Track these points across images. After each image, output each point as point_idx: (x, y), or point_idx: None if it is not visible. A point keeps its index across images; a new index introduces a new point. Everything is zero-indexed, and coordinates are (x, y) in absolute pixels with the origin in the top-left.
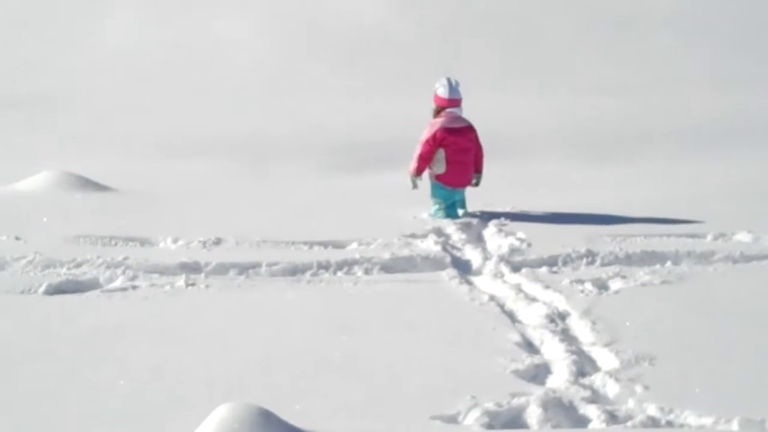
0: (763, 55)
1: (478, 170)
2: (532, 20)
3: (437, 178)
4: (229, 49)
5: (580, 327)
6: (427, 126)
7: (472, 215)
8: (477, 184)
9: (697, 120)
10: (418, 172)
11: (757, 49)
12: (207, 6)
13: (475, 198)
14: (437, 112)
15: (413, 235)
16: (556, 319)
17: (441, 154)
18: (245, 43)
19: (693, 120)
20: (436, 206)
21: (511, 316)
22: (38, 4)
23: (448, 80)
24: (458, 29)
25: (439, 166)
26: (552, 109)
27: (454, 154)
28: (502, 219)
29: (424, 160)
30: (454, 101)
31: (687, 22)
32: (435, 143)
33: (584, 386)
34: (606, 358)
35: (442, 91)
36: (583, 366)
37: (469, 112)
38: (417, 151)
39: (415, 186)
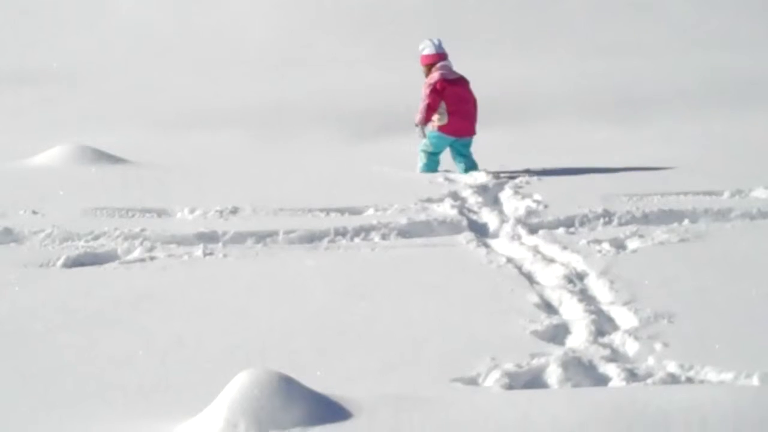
0: None
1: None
2: None
3: (440, 129)
4: (243, 20)
5: (598, 287)
6: (424, 85)
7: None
8: (475, 133)
9: (709, 79)
10: (426, 120)
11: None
12: None
13: (489, 160)
14: (428, 71)
15: (429, 200)
16: (574, 279)
17: (442, 105)
18: (258, 15)
19: (705, 79)
20: (425, 160)
21: (529, 278)
22: None
23: (430, 40)
24: None
25: (442, 118)
26: (563, 72)
27: (455, 104)
28: (518, 180)
29: (432, 110)
30: (442, 55)
31: None
32: (438, 93)
33: (603, 345)
34: (625, 317)
35: (429, 49)
36: (602, 325)
37: (481, 76)
38: (422, 102)
39: (423, 135)
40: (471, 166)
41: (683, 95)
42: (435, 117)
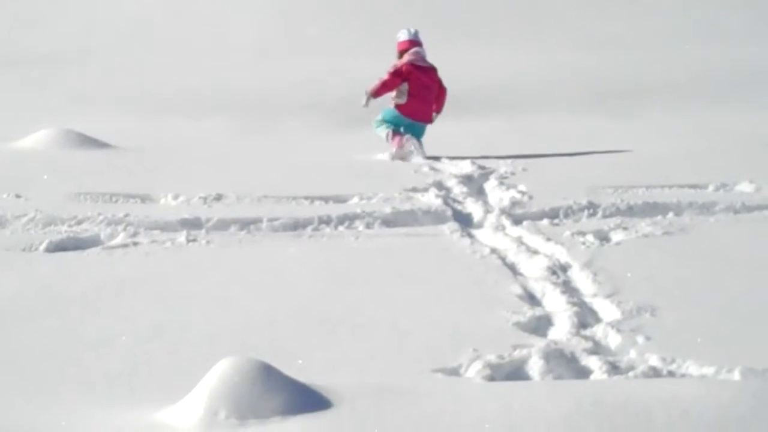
0: (762, 9)
1: (438, 110)
2: None
3: (397, 107)
4: (228, 7)
5: (581, 279)
6: (391, 65)
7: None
8: (432, 122)
9: (696, 73)
10: (376, 95)
11: (757, 2)
12: None
13: (474, 149)
14: (401, 57)
15: (414, 189)
16: (558, 271)
17: (404, 86)
18: (244, 2)
19: (692, 73)
20: (379, 122)
21: (513, 269)
22: None
23: (407, 29)
24: None
25: (401, 97)
26: (551, 63)
27: (416, 89)
28: (503, 171)
29: (386, 87)
30: (415, 42)
31: None
32: (400, 75)
33: (586, 338)
34: (607, 310)
35: (404, 36)
36: (585, 317)
37: (467, 65)
38: (382, 77)
39: (366, 105)
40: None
41: (672, 88)
42: (393, 94)
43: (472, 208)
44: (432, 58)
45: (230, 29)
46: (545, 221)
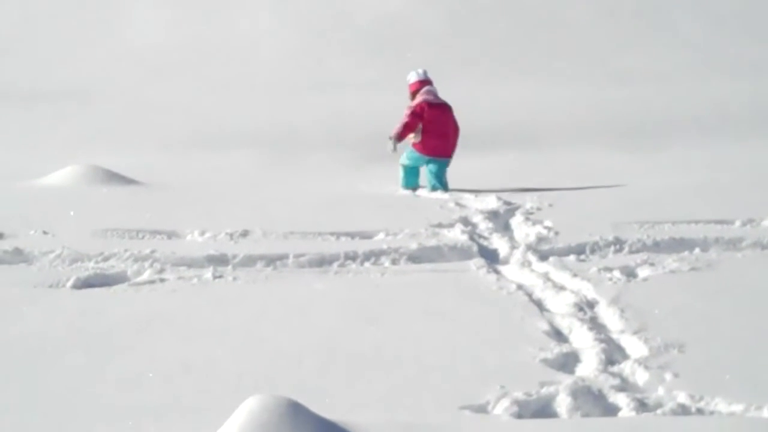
0: None
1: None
2: (553, 9)
3: (414, 146)
4: (255, 42)
5: (608, 315)
6: (407, 108)
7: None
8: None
9: (721, 107)
10: (401, 137)
11: None
12: (231, 1)
13: (499, 184)
14: (413, 98)
15: (440, 225)
16: (585, 307)
17: (419, 125)
18: (270, 37)
19: (717, 107)
20: (403, 168)
21: (539, 305)
22: (68, 1)
23: (415, 70)
24: (480, 20)
25: (417, 136)
26: (574, 98)
27: (430, 125)
28: (529, 206)
29: (408, 129)
30: (425, 82)
31: (711, 10)
32: (418, 114)
33: (613, 374)
34: (635, 346)
35: (413, 77)
36: (612, 354)
37: (491, 101)
38: (402, 120)
39: (393, 149)
40: (438, 186)
41: (696, 122)
42: (411, 135)
43: (498, 243)
44: (455, 94)
45: (256, 64)
46: (572, 257)
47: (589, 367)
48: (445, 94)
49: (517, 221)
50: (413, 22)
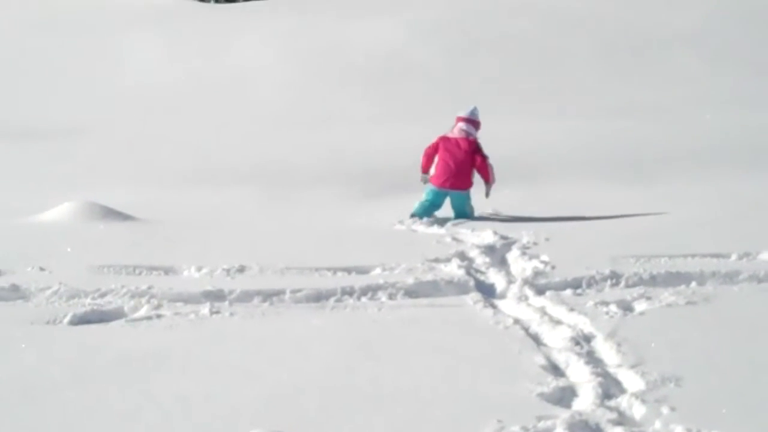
0: None
1: (486, 179)
2: (553, 44)
3: (429, 178)
4: (250, 78)
5: (605, 349)
6: None
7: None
8: (487, 195)
9: (717, 140)
10: (422, 169)
11: None
12: (228, 36)
13: (498, 222)
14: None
15: (437, 260)
16: (581, 341)
17: (435, 158)
18: (266, 72)
19: (713, 140)
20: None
21: (536, 339)
22: (65, 37)
23: (470, 106)
24: (477, 54)
25: (432, 168)
26: (572, 132)
27: (441, 158)
28: (526, 241)
29: (425, 157)
30: (465, 119)
31: (706, 43)
32: (432, 147)
33: (610, 408)
34: (632, 380)
35: (461, 112)
36: (609, 388)
37: (488, 135)
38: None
39: (422, 180)
40: (458, 216)
41: (694, 155)
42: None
43: (495, 278)
44: (446, 129)
45: (252, 99)
46: (568, 291)
47: (586, 401)
48: (441, 129)
49: (513, 256)
50: (410, 58)
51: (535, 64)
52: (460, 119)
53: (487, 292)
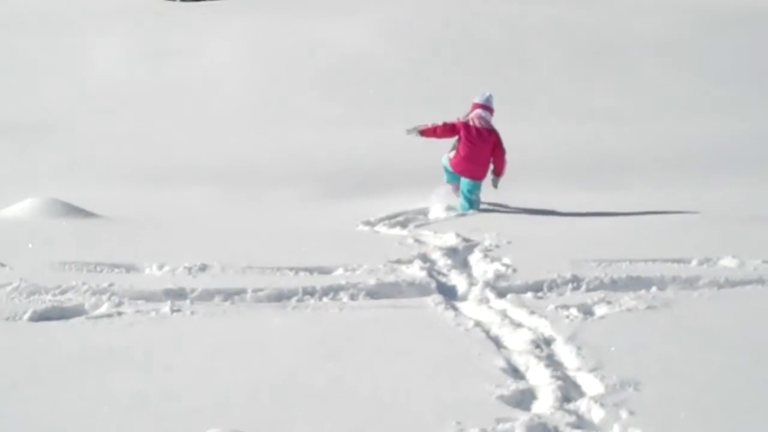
0: (748, 83)
1: (497, 171)
2: (518, 49)
3: (449, 160)
4: (217, 77)
5: (565, 352)
6: (455, 118)
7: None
8: (495, 186)
9: (682, 147)
10: (421, 133)
11: (743, 76)
12: (194, 36)
13: (458, 222)
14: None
15: (399, 261)
16: (542, 344)
17: (455, 142)
18: (231, 72)
19: (678, 147)
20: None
21: (497, 342)
22: (30, 34)
23: (483, 92)
24: (444, 58)
25: (452, 152)
26: (538, 137)
27: (463, 146)
28: (488, 243)
29: (431, 132)
30: (482, 105)
31: (673, 50)
32: (450, 129)
33: (569, 411)
34: (591, 384)
35: (477, 98)
36: (569, 391)
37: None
38: (437, 123)
39: (409, 133)
40: (467, 206)
41: (656, 161)
42: (450, 150)
43: (457, 280)
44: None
45: (218, 99)
46: (529, 294)
47: (545, 404)
48: (404, 133)
49: (475, 258)
50: (376, 60)
51: (499, 69)
52: (476, 106)
53: (449, 294)
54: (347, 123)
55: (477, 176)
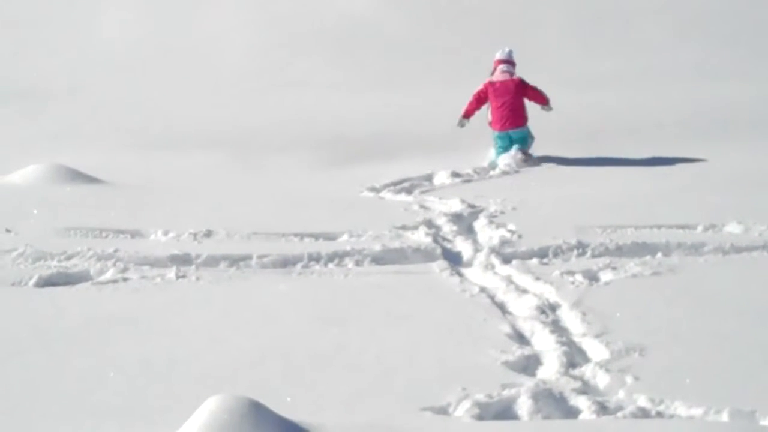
0: (750, 47)
1: (542, 102)
2: (518, 14)
3: (489, 124)
4: (219, 42)
5: (570, 318)
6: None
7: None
8: (549, 110)
9: (684, 112)
10: (466, 116)
11: (744, 41)
12: (196, 1)
13: (463, 187)
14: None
15: (404, 227)
16: (547, 310)
17: (488, 104)
18: (235, 37)
19: (681, 112)
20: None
21: (502, 308)
22: (30, 1)
23: (502, 48)
24: (446, 24)
25: (489, 114)
26: None
27: (494, 103)
28: (493, 210)
29: (469, 105)
30: (500, 61)
31: (674, 15)
32: (479, 98)
33: (574, 377)
34: (596, 350)
35: (498, 55)
36: (574, 357)
37: (455, 104)
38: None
39: (460, 125)
40: (494, 162)
41: (661, 126)
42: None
43: (462, 246)
44: (417, 98)
45: (220, 64)
46: (534, 260)
47: (550, 369)
48: (408, 98)
49: (480, 224)
50: (376, 25)
51: (500, 36)
52: (499, 62)
53: (454, 260)
54: (349, 89)
55: (518, 123)
